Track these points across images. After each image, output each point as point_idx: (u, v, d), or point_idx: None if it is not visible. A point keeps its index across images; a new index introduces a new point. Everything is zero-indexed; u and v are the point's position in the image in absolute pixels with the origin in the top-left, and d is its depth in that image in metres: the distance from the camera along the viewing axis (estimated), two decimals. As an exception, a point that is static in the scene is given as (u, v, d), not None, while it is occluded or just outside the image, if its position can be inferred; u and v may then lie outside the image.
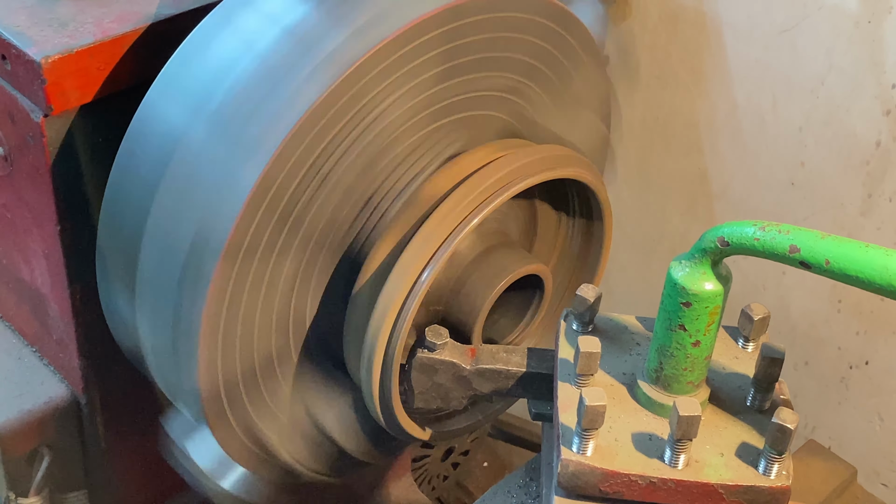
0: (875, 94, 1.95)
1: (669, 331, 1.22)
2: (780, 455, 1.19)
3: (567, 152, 1.55)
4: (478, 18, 1.44)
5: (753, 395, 1.27)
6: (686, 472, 1.20)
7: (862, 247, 1.09)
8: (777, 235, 1.13)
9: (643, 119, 2.30)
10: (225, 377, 1.41)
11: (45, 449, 1.73)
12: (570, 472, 1.21)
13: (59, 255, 1.60)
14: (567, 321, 1.35)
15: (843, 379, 2.18)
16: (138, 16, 1.53)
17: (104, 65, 1.50)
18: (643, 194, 2.38)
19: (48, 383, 1.74)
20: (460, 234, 1.41)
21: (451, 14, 1.41)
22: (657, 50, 2.22)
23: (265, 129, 1.34)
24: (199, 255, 1.35)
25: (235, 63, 1.39)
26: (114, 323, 1.57)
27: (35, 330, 1.76)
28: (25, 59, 1.46)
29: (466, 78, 1.48)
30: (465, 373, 1.40)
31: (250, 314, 1.40)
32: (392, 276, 1.40)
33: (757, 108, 2.12)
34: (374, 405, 1.45)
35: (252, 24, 1.42)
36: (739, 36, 2.09)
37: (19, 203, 1.62)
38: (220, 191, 1.35)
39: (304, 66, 1.35)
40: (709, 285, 1.19)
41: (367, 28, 1.37)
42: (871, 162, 2.01)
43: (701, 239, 1.19)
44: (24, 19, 1.50)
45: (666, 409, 1.24)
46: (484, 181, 1.45)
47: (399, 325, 1.40)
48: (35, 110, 1.49)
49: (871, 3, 1.90)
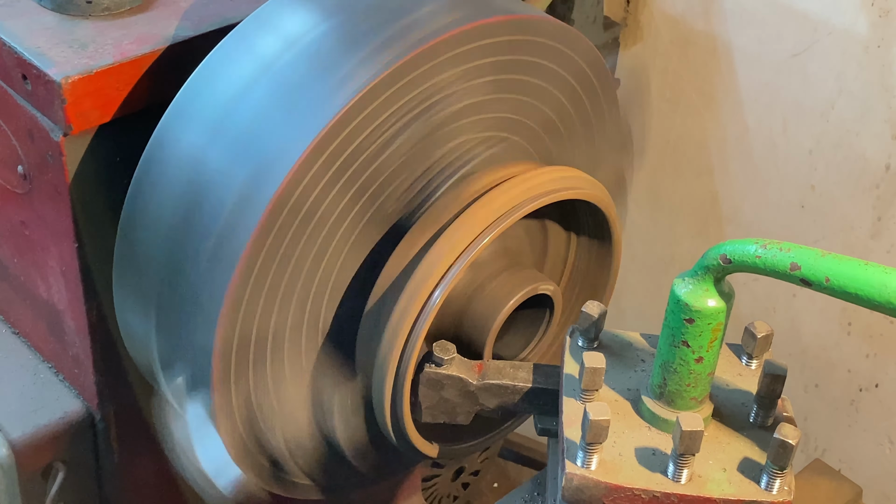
0: (885, 117, 1.97)
1: (673, 347, 1.24)
2: (782, 470, 1.20)
3: (577, 174, 1.57)
4: (531, 39, 1.49)
5: (756, 411, 1.29)
6: (689, 487, 1.21)
7: (861, 265, 1.11)
8: (778, 253, 1.15)
9: (654, 142, 2.33)
10: (240, 335, 1.41)
11: (59, 464, 1.74)
12: (575, 485, 1.22)
13: (76, 273, 1.62)
14: (573, 337, 1.37)
15: (853, 402, 2.18)
16: (157, 38, 1.56)
17: (123, 85, 1.53)
18: (654, 216, 2.40)
19: (63, 399, 1.75)
20: (468, 257, 1.43)
21: (508, 26, 1.46)
22: (668, 73, 2.25)
23: (280, 150, 1.37)
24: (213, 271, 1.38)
25: (253, 85, 1.42)
26: (129, 339, 1.59)
27: (51, 346, 1.78)
28: (46, 80, 1.48)
29: (513, 97, 1.51)
30: (472, 388, 1.42)
31: (276, 286, 1.41)
32: (405, 291, 1.42)
33: (767, 132, 2.14)
34: (384, 419, 1.47)
35: (270, 46, 1.45)
36: (750, 60, 2.12)
37: (38, 221, 1.64)
38: (235, 212, 1.37)
39: (322, 86, 1.38)
40: (711, 302, 1.21)
41: (381, 49, 1.40)
42: (880, 185, 2.02)
43: (704, 256, 1.21)
44: (45, 41, 1.53)
45: (669, 424, 1.26)
46: (494, 201, 1.47)
47: (411, 341, 1.42)
48: (55, 130, 1.52)
49: (880, 28, 1.92)
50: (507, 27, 1.47)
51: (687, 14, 2.17)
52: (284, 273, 1.41)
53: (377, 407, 1.48)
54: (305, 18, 1.47)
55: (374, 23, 1.44)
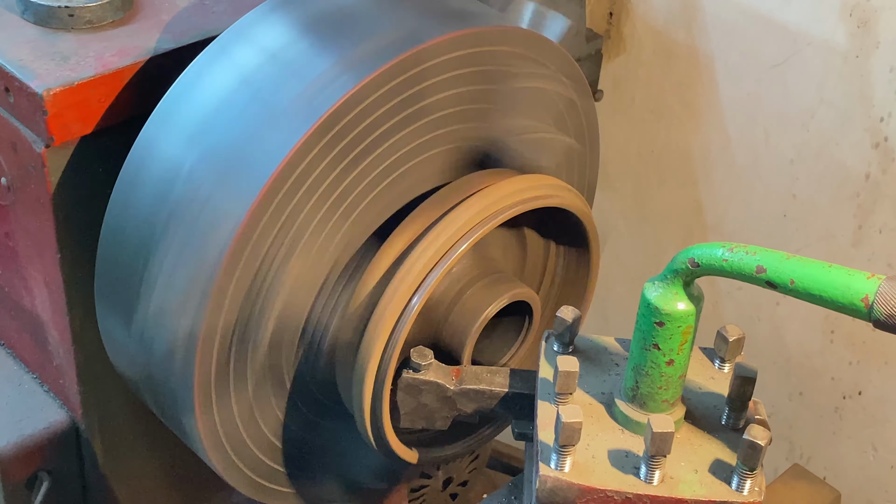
0: (864, 126, 1.99)
1: (644, 350, 1.25)
2: (752, 471, 1.21)
3: (555, 182, 1.59)
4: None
5: (728, 413, 1.30)
6: (661, 489, 1.23)
7: (825, 267, 1.13)
8: (744, 256, 1.16)
9: (638, 152, 2.34)
10: (224, 322, 1.41)
11: (44, 474, 1.75)
12: (548, 487, 1.24)
13: (59, 283, 1.63)
14: (548, 342, 1.38)
15: (836, 409, 2.19)
16: (138, 50, 1.57)
17: (104, 97, 1.54)
18: (639, 226, 2.41)
19: (48, 409, 1.76)
20: (447, 263, 1.44)
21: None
22: (652, 84, 2.26)
23: (259, 159, 1.38)
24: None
25: (231, 96, 1.44)
26: (112, 349, 1.60)
27: (35, 356, 1.79)
28: (28, 92, 1.50)
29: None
30: (450, 393, 1.43)
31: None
32: (384, 297, 1.44)
33: (749, 142, 2.16)
34: (364, 425, 1.48)
35: (248, 57, 1.46)
36: (731, 71, 2.13)
37: (21, 232, 1.66)
38: (213, 223, 1.38)
39: (300, 95, 1.40)
40: (681, 305, 1.22)
41: (364, 59, 1.42)
42: (861, 194, 2.03)
43: (673, 260, 1.22)
44: (27, 53, 1.54)
45: (642, 426, 1.27)
46: (473, 207, 1.49)
47: (390, 347, 1.43)
48: (37, 141, 1.53)
49: (858, 38, 1.94)
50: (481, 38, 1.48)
51: (669, 26, 2.19)
52: (263, 283, 1.42)
53: (357, 413, 1.49)
54: (283, 30, 1.48)
55: (351, 33, 1.45)
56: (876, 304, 1.10)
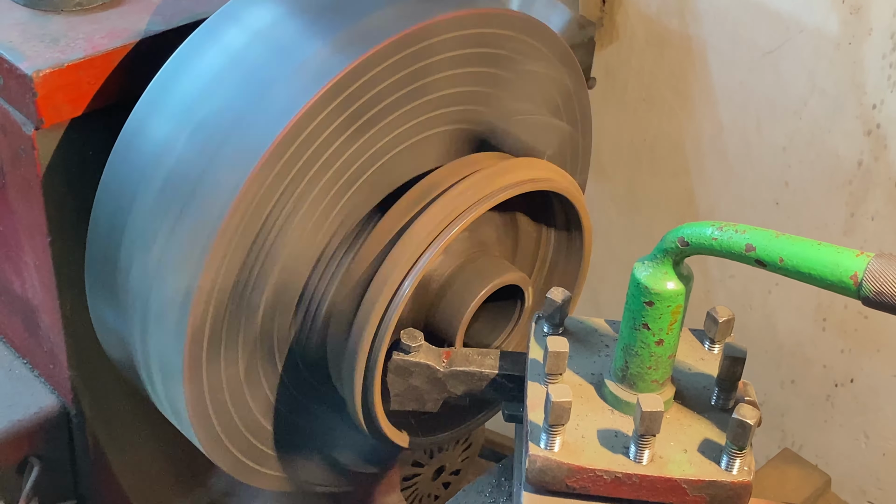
0: (856, 114, 1.99)
1: (634, 330, 1.25)
2: (741, 450, 1.21)
3: (544, 165, 1.59)
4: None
5: (718, 394, 1.30)
6: (650, 468, 1.23)
7: (815, 245, 1.13)
8: (734, 235, 1.16)
9: (631, 141, 2.34)
10: (221, 286, 1.41)
11: (34, 459, 1.75)
12: (538, 467, 1.23)
13: (49, 267, 1.63)
14: (538, 324, 1.38)
15: (828, 397, 2.19)
16: (128, 32, 1.57)
17: (94, 79, 1.54)
18: (632, 214, 2.41)
19: (38, 394, 1.76)
20: (439, 245, 1.44)
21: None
22: (644, 73, 2.26)
23: (248, 141, 1.38)
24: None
25: (222, 76, 1.44)
26: (103, 333, 1.59)
27: (26, 341, 1.79)
28: (18, 74, 1.50)
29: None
30: (440, 375, 1.43)
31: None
32: (376, 279, 1.43)
33: (742, 130, 2.16)
34: (355, 407, 1.48)
35: (237, 39, 1.46)
36: (724, 59, 2.13)
37: (11, 215, 1.65)
38: (207, 202, 1.38)
39: (290, 78, 1.40)
40: (670, 285, 1.22)
41: (355, 41, 1.41)
42: (853, 182, 2.04)
43: (662, 240, 1.22)
44: (17, 35, 1.54)
45: (632, 406, 1.27)
46: (466, 191, 1.49)
47: (382, 329, 1.43)
48: (27, 123, 1.53)
49: (851, 26, 1.94)
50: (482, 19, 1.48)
51: (662, 14, 2.19)
52: (263, 246, 1.41)
53: (348, 395, 1.49)
54: (274, 11, 1.48)
55: (340, 15, 1.45)
56: (865, 281, 1.09)
